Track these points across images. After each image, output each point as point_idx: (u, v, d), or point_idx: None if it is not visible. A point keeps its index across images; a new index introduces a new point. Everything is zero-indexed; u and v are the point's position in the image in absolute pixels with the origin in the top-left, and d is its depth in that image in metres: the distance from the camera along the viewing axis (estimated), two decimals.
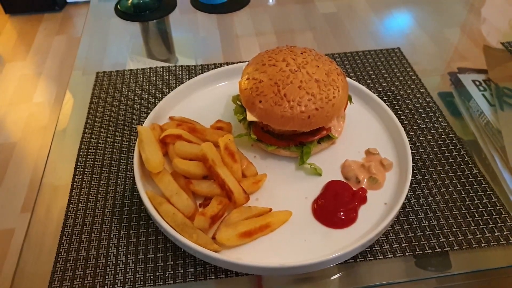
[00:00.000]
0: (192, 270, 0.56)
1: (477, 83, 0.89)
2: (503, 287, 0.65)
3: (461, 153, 0.72)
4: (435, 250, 0.58)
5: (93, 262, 0.57)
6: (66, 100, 0.84)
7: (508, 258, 0.59)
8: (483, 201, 0.65)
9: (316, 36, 1.05)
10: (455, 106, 0.84)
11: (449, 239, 0.60)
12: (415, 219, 0.62)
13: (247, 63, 0.71)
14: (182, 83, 0.80)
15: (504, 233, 0.60)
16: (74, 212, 0.63)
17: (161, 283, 0.55)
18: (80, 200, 0.65)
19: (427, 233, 0.60)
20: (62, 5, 2.58)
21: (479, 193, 0.66)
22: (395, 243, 0.59)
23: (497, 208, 0.64)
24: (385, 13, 1.14)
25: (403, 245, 0.59)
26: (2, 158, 1.69)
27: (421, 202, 0.65)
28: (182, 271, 0.56)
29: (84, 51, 0.98)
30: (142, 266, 0.57)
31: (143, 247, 0.59)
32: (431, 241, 0.59)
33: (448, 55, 0.99)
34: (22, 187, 1.58)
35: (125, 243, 0.59)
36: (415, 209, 0.64)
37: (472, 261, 0.58)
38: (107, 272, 0.56)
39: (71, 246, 0.59)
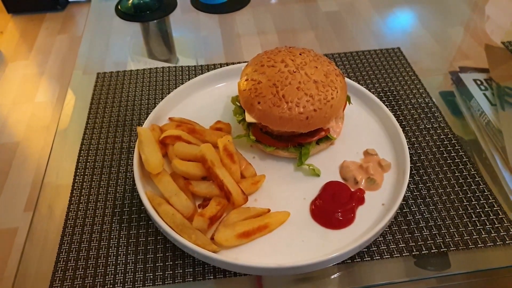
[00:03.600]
0: (191, 270, 0.57)
1: (479, 82, 0.89)
2: (501, 286, 0.65)
3: (460, 153, 0.72)
4: (432, 251, 0.59)
5: (94, 262, 0.58)
6: (68, 100, 0.85)
7: (506, 259, 0.59)
8: (481, 202, 0.65)
9: (317, 35, 1.04)
10: (456, 106, 0.84)
11: (446, 240, 0.60)
12: (413, 219, 0.63)
13: (246, 63, 0.71)
14: (183, 83, 0.81)
15: (501, 234, 0.61)
16: (75, 212, 0.64)
17: (160, 283, 0.56)
18: (81, 201, 0.66)
19: (424, 234, 0.61)
20: (64, 4, 2.59)
21: (476, 194, 0.66)
22: (392, 244, 0.59)
23: (495, 209, 0.64)
24: (387, 12, 1.14)
25: (400, 245, 0.59)
26: (5, 158, 1.71)
27: (419, 202, 0.65)
28: (181, 271, 0.57)
29: (85, 52, 0.99)
30: (142, 266, 0.58)
31: (143, 247, 0.60)
32: (428, 242, 0.60)
33: (450, 54, 0.99)
34: (25, 186, 1.60)
35: (125, 243, 0.60)
36: (413, 209, 0.64)
37: (471, 261, 0.59)
38: (107, 272, 0.57)
39: (72, 246, 0.60)
